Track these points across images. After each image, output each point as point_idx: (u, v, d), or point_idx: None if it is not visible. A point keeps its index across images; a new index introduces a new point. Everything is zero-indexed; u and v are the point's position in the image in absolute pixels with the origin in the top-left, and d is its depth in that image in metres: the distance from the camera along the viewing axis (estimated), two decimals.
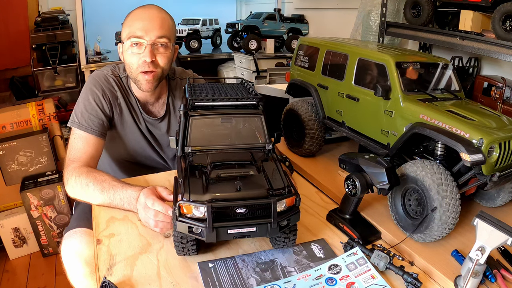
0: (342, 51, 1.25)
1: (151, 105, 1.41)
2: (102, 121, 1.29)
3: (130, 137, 1.41)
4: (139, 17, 1.24)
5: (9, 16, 3.04)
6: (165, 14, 1.29)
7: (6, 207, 2.30)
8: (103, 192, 1.09)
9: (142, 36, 1.22)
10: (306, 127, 1.40)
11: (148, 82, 1.27)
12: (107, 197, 1.08)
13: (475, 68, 1.71)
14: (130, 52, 1.25)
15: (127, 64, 1.29)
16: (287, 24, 3.16)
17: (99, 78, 1.33)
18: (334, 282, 0.84)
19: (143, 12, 1.25)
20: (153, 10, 1.26)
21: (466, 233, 1.00)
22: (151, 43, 1.22)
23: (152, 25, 1.22)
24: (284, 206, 0.83)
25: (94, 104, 1.29)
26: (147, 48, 1.22)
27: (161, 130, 1.44)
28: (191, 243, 0.88)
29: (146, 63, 1.23)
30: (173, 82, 1.46)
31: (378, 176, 0.94)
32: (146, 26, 1.22)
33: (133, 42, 1.23)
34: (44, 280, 2.12)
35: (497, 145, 0.89)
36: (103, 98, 1.30)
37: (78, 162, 1.20)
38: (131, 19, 1.25)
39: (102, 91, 1.30)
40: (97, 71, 1.37)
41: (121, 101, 1.35)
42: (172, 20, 1.31)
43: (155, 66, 1.26)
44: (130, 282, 0.84)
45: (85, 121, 1.26)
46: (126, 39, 1.24)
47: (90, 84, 1.31)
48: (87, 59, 2.89)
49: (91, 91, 1.30)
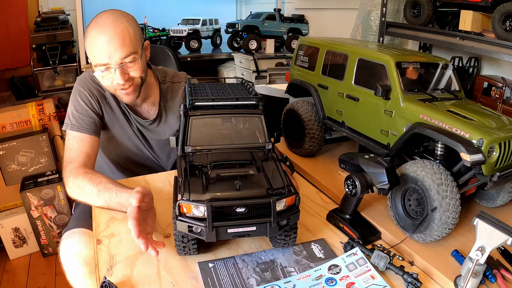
0: (342, 51, 1.25)
1: (139, 107, 1.40)
2: (93, 119, 1.29)
3: (124, 137, 1.41)
4: (97, 40, 1.16)
5: (9, 16, 3.04)
6: (122, 25, 1.18)
7: (6, 207, 2.30)
8: (99, 195, 1.09)
9: (107, 63, 1.17)
10: (306, 127, 1.40)
11: (127, 95, 1.26)
12: (103, 201, 1.08)
13: (475, 68, 1.71)
14: (102, 77, 1.21)
15: (104, 86, 1.27)
16: (287, 24, 3.16)
17: (85, 79, 1.33)
18: (334, 282, 0.84)
19: (100, 33, 1.16)
20: (109, 28, 1.16)
21: (466, 233, 1.00)
22: (119, 65, 1.18)
23: (113, 47, 1.15)
24: (283, 206, 0.83)
25: (83, 103, 1.29)
26: (117, 70, 1.18)
27: (152, 132, 1.43)
28: (192, 242, 0.88)
29: (120, 84, 1.21)
30: (164, 85, 1.45)
31: (378, 176, 0.94)
32: (107, 51, 1.15)
33: (101, 70, 1.19)
34: (44, 280, 2.12)
35: (497, 145, 0.89)
36: (90, 97, 1.30)
37: (75, 162, 1.20)
38: (90, 43, 1.18)
39: (89, 90, 1.30)
40: (84, 73, 1.37)
41: (110, 100, 1.34)
42: (132, 25, 1.21)
43: (131, 80, 1.24)
44: (130, 282, 0.84)
45: (76, 121, 1.26)
46: (94, 67, 1.21)
47: (77, 86, 1.32)
48: (87, 59, 2.89)
49: (78, 92, 1.30)
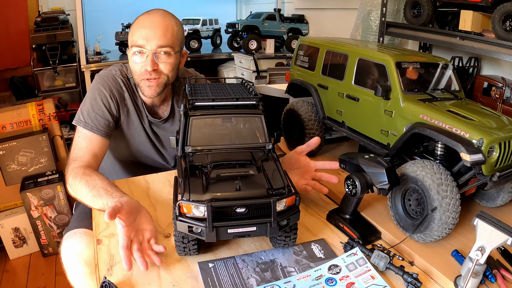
0: (342, 51, 1.25)
1: (157, 107, 1.41)
2: (108, 121, 1.28)
3: (135, 138, 1.41)
4: (142, 24, 1.23)
5: (9, 16, 3.04)
6: (170, 21, 1.26)
7: (6, 207, 2.30)
8: (93, 200, 1.08)
9: (143, 45, 1.21)
10: (306, 127, 1.40)
11: (150, 88, 1.27)
12: (97, 205, 1.07)
13: (475, 68, 1.71)
14: (133, 59, 1.25)
15: (132, 70, 1.29)
16: (287, 24, 3.16)
17: (107, 78, 1.32)
18: (334, 282, 0.84)
19: (147, 19, 1.24)
20: (157, 17, 1.24)
21: (466, 233, 1.00)
22: (152, 52, 1.22)
23: (154, 33, 1.21)
24: (284, 206, 0.83)
25: (101, 104, 1.28)
26: (148, 57, 1.22)
27: (165, 130, 1.44)
28: (192, 243, 0.88)
29: (148, 72, 1.23)
30: (177, 82, 1.46)
31: (378, 176, 0.94)
32: (148, 35, 1.21)
33: (135, 51, 1.23)
34: (44, 280, 2.12)
35: (497, 145, 0.89)
36: (110, 99, 1.29)
37: (79, 161, 1.20)
38: (136, 26, 1.24)
39: (110, 91, 1.30)
40: (105, 70, 1.36)
41: (128, 101, 1.34)
42: (178, 25, 1.29)
43: (158, 74, 1.26)
44: (130, 282, 0.84)
45: (91, 121, 1.25)
46: (130, 47, 1.25)
47: (98, 84, 1.30)
48: (87, 59, 2.89)
49: (98, 91, 1.29)
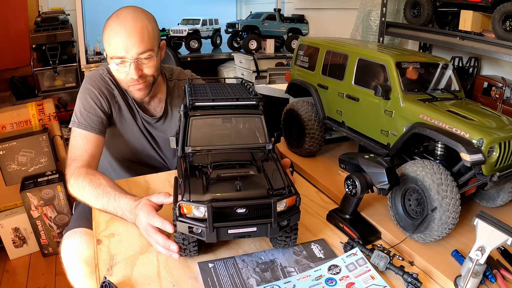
0: (342, 51, 1.25)
1: (147, 104, 1.41)
2: (101, 118, 1.29)
3: (130, 135, 1.41)
4: (117, 33, 1.18)
5: (9, 16, 3.04)
6: (142, 21, 1.20)
7: (6, 207, 2.30)
8: (97, 198, 1.09)
9: (124, 56, 1.19)
10: (306, 127, 1.40)
11: (140, 91, 1.28)
12: (101, 204, 1.08)
13: (475, 68, 1.71)
14: (116, 70, 1.24)
15: (117, 78, 1.29)
16: (287, 24, 3.16)
17: (95, 77, 1.33)
18: (334, 282, 0.84)
19: (120, 26, 1.18)
20: (129, 22, 1.18)
21: (466, 233, 1.00)
22: (134, 60, 1.20)
23: (131, 41, 1.17)
24: (284, 206, 0.83)
25: (92, 102, 1.29)
26: (132, 65, 1.20)
27: (158, 130, 1.44)
28: (193, 244, 0.88)
29: (134, 79, 1.23)
30: (171, 83, 1.46)
31: (378, 176, 0.94)
32: (125, 44, 1.17)
33: (117, 62, 1.21)
34: (44, 280, 2.12)
35: (497, 145, 0.89)
36: (100, 96, 1.30)
37: (79, 161, 1.20)
38: (110, 34, 1.19)
39: (99, 89, 1.30)
40: (92, 71, 1.37)
41: (119, 98, 1.35)
42: (151, 22, 1.24)
43: (144, 78, 1.26)
44: (130, 282, 0.84)
45: (84, 120, 1.26)
46: (110, 59, 1.23)
47: (87, 84, 1.32)
48: (87, 59, 2.89)
49: (88, 90, 1.30)
